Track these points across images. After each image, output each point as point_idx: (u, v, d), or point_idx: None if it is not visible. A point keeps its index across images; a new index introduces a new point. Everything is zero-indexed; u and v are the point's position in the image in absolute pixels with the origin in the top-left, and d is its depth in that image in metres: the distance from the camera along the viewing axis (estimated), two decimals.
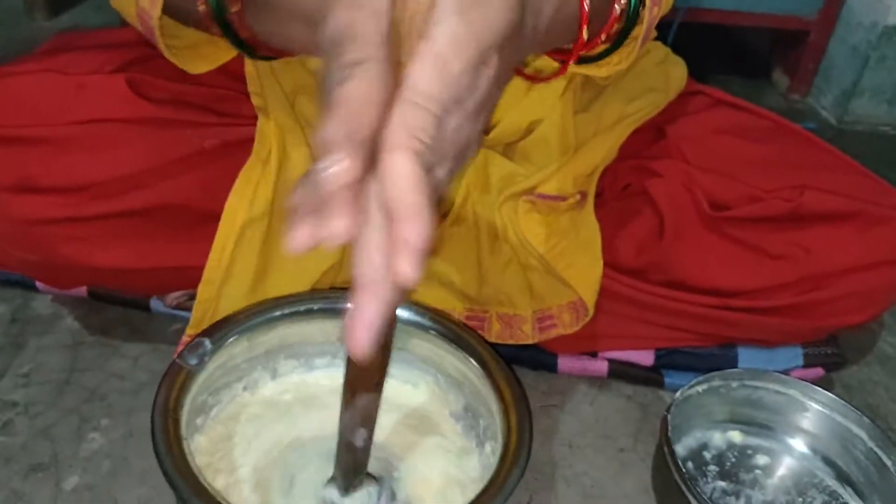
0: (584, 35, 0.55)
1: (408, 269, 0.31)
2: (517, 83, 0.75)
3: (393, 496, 0.58)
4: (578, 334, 0.71)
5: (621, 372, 0.75)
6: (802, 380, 0.68)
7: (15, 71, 0.63)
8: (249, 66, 0.71)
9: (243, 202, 0.65)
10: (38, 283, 0.76)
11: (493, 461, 0.54)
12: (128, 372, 0.71)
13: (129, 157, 0.62)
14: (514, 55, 0.43)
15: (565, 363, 0.75)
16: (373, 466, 0.56)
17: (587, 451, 0.69)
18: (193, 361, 0.57)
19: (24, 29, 1.37)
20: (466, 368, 0.62)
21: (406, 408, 0.65)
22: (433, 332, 0.63)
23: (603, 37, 0.62)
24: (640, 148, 0.75)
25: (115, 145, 0.61)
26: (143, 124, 0.62)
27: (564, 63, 0.61)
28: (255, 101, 0.68)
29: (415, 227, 0.32)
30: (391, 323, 0.44)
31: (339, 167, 0.32)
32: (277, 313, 0.63)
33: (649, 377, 0.75)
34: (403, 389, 0.66)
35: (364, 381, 0.47)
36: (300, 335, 0.64)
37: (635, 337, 0.74)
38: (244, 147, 0.65)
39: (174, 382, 0.55)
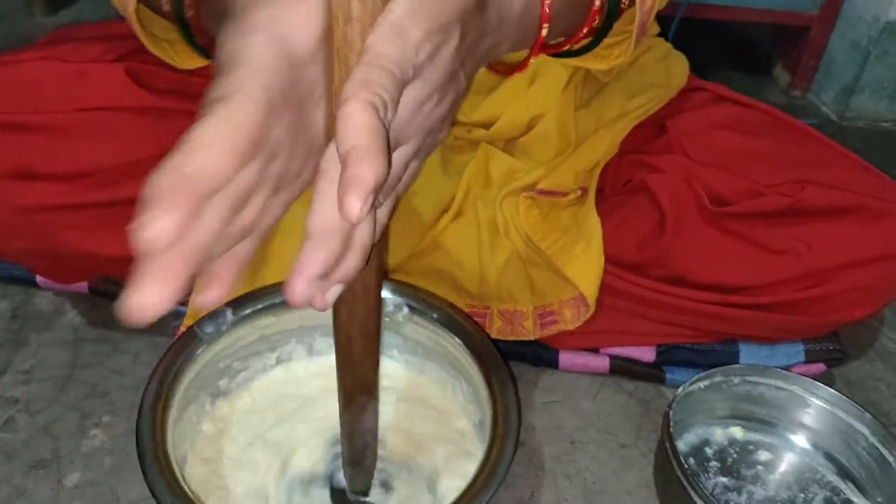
0: (544, 32, 0.55)
1: (356, 204, 0.30)
2: (518, 79, 0.75)
3: (386, 486, 0.58)
4: (580, 330, 0.71)
5: (622, 368, 0.75)
6: (804, 375, 0.68)
7: (15, 59, 0.63)
8: None
9: None
10: (38, 280, 0.76)
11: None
12: (129, 368, 0.71)
13: (129, 145, 0.62)
14: (480, 42, 0.43)
15: (567, 359, 0.75)
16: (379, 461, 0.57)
17: (589, 446, 0.69)
18: (209, 329, 0.57)
19: (24, 25, 1.37)
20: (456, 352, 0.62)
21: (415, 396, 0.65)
22: (427, 316, 0.64)
23: (585, 30, 0.61)
24: (641, 143, 0.75)
25: (115, 133, 0.61)
26: (142, 113, 0.62)
27: (525, 59, 0.61)
28: None
29: (367, 165, 0.31)
30: (373, 310, 0.44)
31: (154, 227, 0.29)
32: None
33: (650, 373, 0.75)
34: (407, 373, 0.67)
35: (356, 378, 0.47)
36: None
37: (636, 333, 0.74)
38: None
39: (179, 351, 0.56)
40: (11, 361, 0.71)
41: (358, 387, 0.47)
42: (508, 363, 0.59)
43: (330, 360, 0.63)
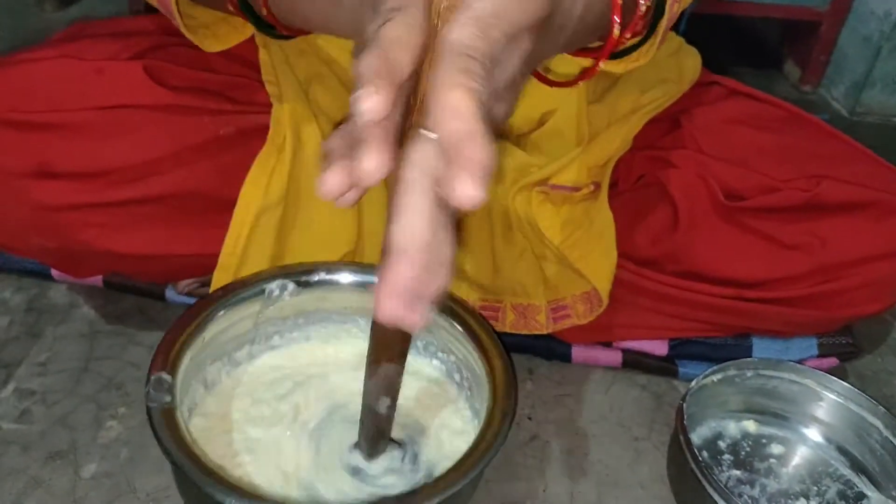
0: (616, 32, 0.55)
1: (471, 189, 0.30)
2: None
3: (415, 458, 0.58)
4: (593, 324, 0.71)
5: (635, 362, 0.75)
6: (817, 369, 0.68)
7: (31, 57, 0.63)
8: (264, 54, 0.71)
9: (258, 189, 0.65)
10: (53, 273, 0.76)
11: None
12: (144, 360, 0.71)
13: (146, 143, 0.62)
14: (542, 48, 0.43)
15: (579, 353, 0.75)
16: (396, 432, 0.57)
17: (602, 439, 0.69)
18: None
19: (34, 20, 1.37)
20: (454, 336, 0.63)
21: (426, 376, 0.66)
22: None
23: (628, 35, 0.61)
24: (654, 138, 0.75)
25: (132, 131, 0.62)
26: (160, 111, 0.62)
27: (595, 62, 0.61)
28: (269, 89, 0.68)
29: (481, 148, 0.30)
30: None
31: (371, 100, 0.32)
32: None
33: (663, 367, 0.75)
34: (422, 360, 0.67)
35: (387, 350, 0.47)
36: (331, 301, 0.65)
37: (649, 327, 0.74)
38: (259, 135, 0.66)
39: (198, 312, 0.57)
40: (27, 354, 0.72)
41: (385, 357, 0.48)
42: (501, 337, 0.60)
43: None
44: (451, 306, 0.63)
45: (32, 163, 0.60)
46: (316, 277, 0.63)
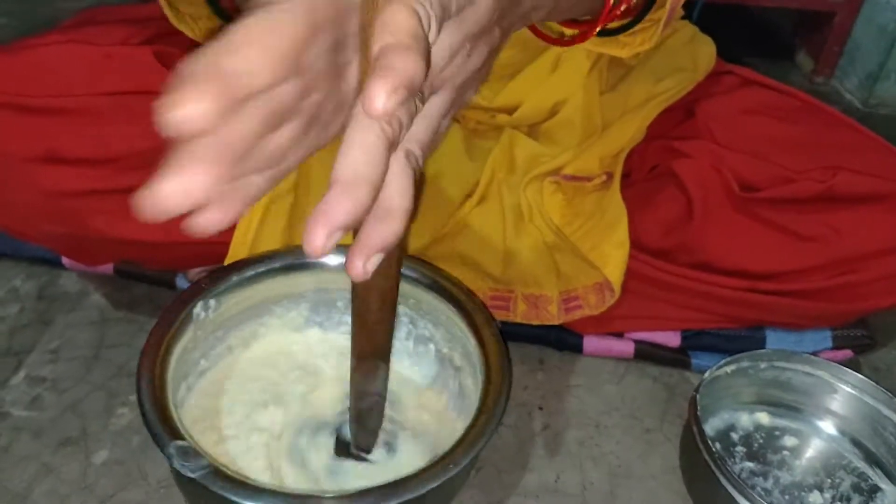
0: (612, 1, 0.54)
1: (382, 95, 0.28)
2: (541, 63, 0.75)
3: (390, 447, 0.59)
4: (604, 315, 0.71)
5: (647, 353, 0.75)
6: (831, 361, 0.67)
7: (41, 42, 0.62)
8: None
9: None
10: (64, 260, 0.76)
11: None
12: None
13: (155, 129, 0.61)
14: (513, 18, 0.42)
15: (591, 344, 0.75)
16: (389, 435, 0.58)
17: (614, 430, 0.69)
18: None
19: (44, 7, 1.37)
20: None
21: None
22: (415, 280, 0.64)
23: (623, 7, 0.60)
24: (668, 128, 0.74)
25: (141, 117, 0.61)
26: None
27: (592, 26, 0.60)
28: None
29: (403, 59, 0.29)
30: (393, 279, 0.44)
31: (183, 109, 0.27)
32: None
33: (676, 358, 0.75)
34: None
35: (369, 343, 0.47)
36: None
37: (662, 318, 0.74)
38: None
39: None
40: (38, 341, 0.72)
41: (370, 350, 0.48)
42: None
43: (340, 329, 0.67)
44: (449, 290, 0.63)
45: (41, 148, 0.60)
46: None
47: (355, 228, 0.33)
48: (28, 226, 0.67)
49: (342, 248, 0.65)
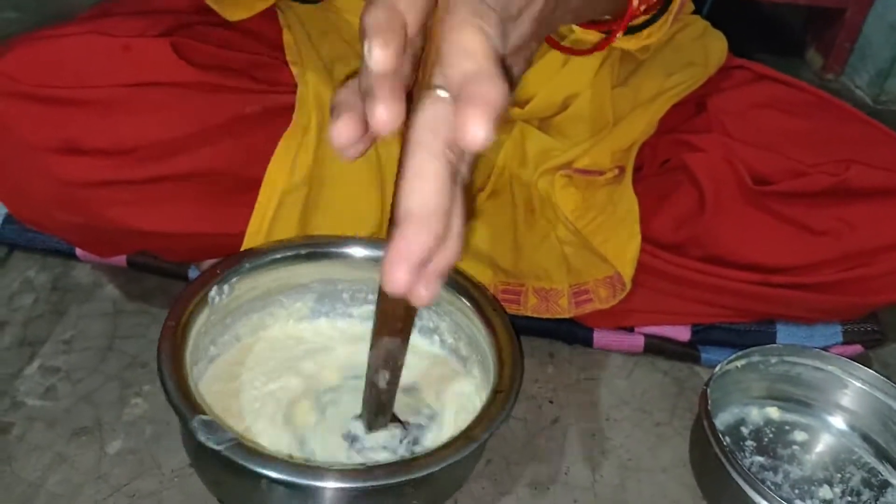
0: (636, 2, 0.55)
1: (481, 128, 0.29)
2: (552, 57, 0.75)
3: (416, 441, 0.59)
4: (615, 309, 0.71)
5: (657, 347, 0.75)
6: (841, 356, 0.68)
7: (58, 33, 0.63)
8: (288, 35, 0.71)
9: (283, 169, 0.65)
10: (78, 252, 0.77)
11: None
12: None
13: (173, 120, 0.62)
14: (554, 12, 0.43)
15: (601, 337, 0.75)
16: (403, 411, 0.59)
17: (624, 424, 0.69)
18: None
19: (57, 3, 1.37)
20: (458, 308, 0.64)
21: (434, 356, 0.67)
22: None
23: (643, 8, 0.61)
24: (679, 122, 0.74)
25: (159, 108, 0.62)
26: (186, 88, 0.62)
27: (611, 33, 0.60)
28: (294, 70, 0.68)
29: (491, 86, 0.30)
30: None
31: (380, 53, 0.32)
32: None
33: (685, 352, 0.75)
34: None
35: (391, 322, 0.47)
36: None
37: (672, 312, 0.74)
38: (284, 114, 0.66)
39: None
40: (52, 331, 0.72)
41: (389, 326, 0.48)
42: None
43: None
44: (462, 284, 0.64)
45: (58, 138, 0.60)
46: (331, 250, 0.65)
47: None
48: (44, 215, 0.67)
49: (356, 240, 0.66)
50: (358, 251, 0.66)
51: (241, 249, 0.65)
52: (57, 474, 0.61)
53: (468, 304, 0.63)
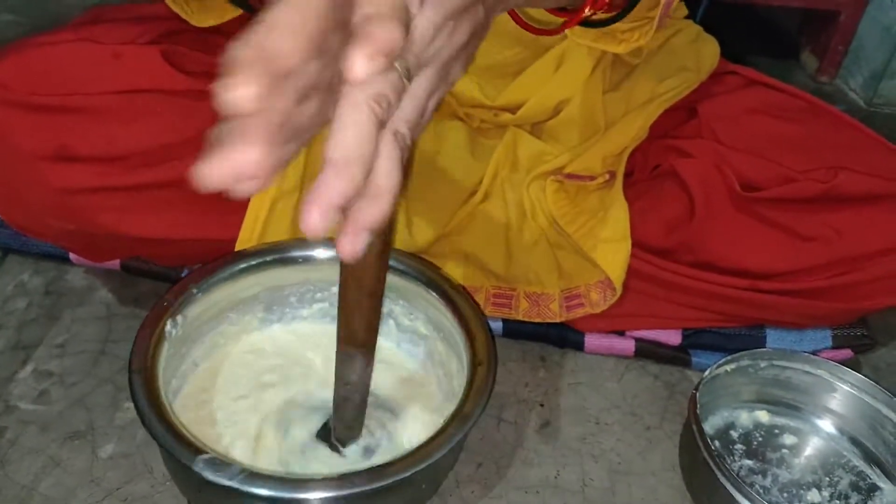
0: None
1: (363, 65, 0.30)
2: (545, 62, 0.75)
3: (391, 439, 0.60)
4: (606, 313, 0.71)
5: (648, 351, 0.75)
6: (831, 360, 0.68)
7: (50, 41, 0.63)
8: None
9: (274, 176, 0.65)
10: (71, 256, 0.77)
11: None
12: None
13: (164, 127, 0.62)
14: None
15: (592, 341, 0.75)
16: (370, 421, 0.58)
17: (614, 428, 0.69)
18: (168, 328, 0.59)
19: (52, 4, 1.38)
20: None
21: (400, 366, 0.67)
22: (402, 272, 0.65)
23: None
24: (671, 127, 0.75)
25: (150, 115, 0.62)
26: (177, 95, 0.63)
27: (568, 21, 0.60)
28: None
29: (382, 27, 0.30)
30: (381, 268, 0.45)
31: (238, 91, 0.28)
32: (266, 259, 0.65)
33: (676, 356, 0.75)
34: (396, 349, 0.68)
35: (356, 329, 0.48)
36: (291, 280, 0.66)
37: (663, 317, 0.74)
38: None
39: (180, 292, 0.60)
40: (46, 335, 0.72)
41: (350, 337, 0.48)
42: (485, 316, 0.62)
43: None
44: (435, 281, 0.64)
45: (51, 146, 0.61)
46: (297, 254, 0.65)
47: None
48: (38, 223, 0.67)
49: (292, 243, 0.66)
50: (297, 253, 0.65)
51: None
52: (50, 478, 0.61)
53: (439, 300, 0.63)
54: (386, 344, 0.68)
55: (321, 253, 0.65)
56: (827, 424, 0.69)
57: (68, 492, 0.60)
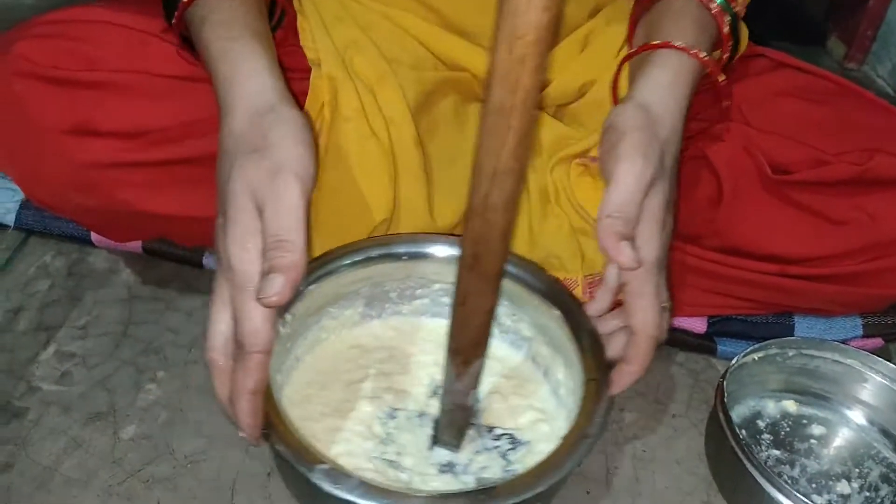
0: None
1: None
2: (570, 44, 0.74)
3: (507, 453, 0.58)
4: None
5: (673, 339, 0.74)
6: (861, 350, 0.67)
7: (75, 17, 0.63)
8: (302, 20, 0.71)
9: None
10: (93, 238, 0.77)
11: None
12: (183, 326, 0.72)
13: (187, 106, 0.62)
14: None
15: None
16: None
17: (638, 416, 0.68)
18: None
19: None
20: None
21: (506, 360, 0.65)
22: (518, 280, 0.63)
23: (725, 56, 0.65)
24: (698, 111, 0.73)
25: (173, 95, 0.62)
26: (201, 81, 0.62)
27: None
28: (308, 55, 0.68)
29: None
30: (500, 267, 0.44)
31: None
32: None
33: (701, 344, 0.74)
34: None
35: (469, 329, 0.47)
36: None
37: (688, 304, 0.73)
38: (297, 100, 0.65)
39: None
40: (67, 317, 0.72)
41: (460, 346, 0.48)
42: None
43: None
44: (541, 282, 0.62)
45: (73, 120, 0.60)
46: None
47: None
48: (58, 198, 0.67)
49: (399, 238, 0.65)
50: (401, 249, 0.64)
51: None
52: (71, 459, 0.61)
53: (525, 284, 0.62)
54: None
55: (425, 249, 0.64)
56: (857, 415, 0.68)
57: (90, 473, 0.60)
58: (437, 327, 0.66)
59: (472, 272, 0.44)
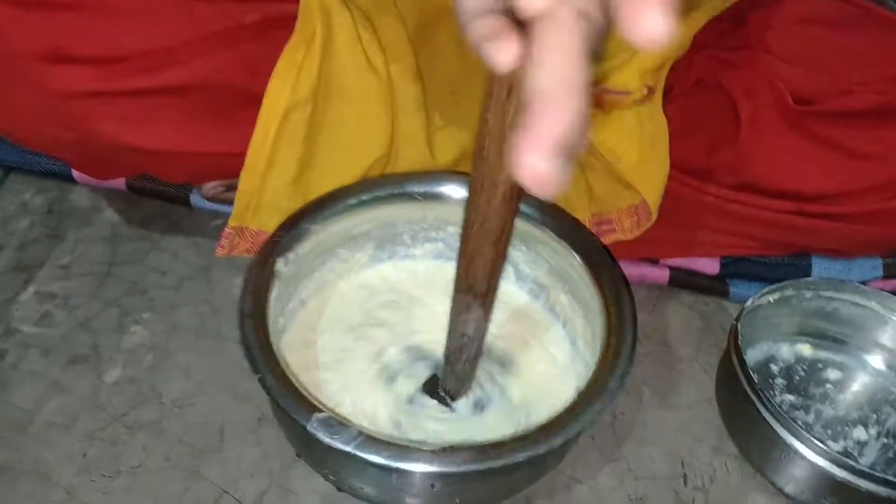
0: None
1: (661, 18, 0.24)
2: None
3: (502, 393, 0.56)
4: (639, 240, 0.66)
5: (683, 280, 0.71)
6: (882, 291, 0.63)
7: None
8: None
9: (286, 85, 0.60)
10: (75, 174, 0.73)
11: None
12: (168, 266, 0.69)
13: (168, 27, 0.57)
14: None
15: (624, 269, 0.70)
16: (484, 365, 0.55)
17: (646, 360, 0.66)
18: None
19: None
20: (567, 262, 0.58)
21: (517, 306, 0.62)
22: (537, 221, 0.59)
23: None
24: (716, 38, 0.69)
25: (152, 13, 0.57)
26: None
27: None
28: None
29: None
30: (512, 206, 0.39)
31: None
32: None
33: (713, 286, 0.71)
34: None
35: (478, 274, 0.43)
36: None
37: (700, 244, 0.70)
38: (287, 25, 0.60)
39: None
40: (48, 256, 0.69)
41: (469, 285, 0.44)
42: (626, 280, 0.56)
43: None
44: (563, 227, 0.58)
45: (45, 45, 0.56)
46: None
47: None
48: (30, 130, 0.63)
49: (412, 177, 0.62)
50: (414, 188, 0.60)
51: (244, 169, 0.61)
52: (53, 402, 0.58)
53: (547, 227, 0.58)
54: (505, 288, 0.62)
55: (440, 189, 0.60)
56: (875, 359, 0.65)
57: (72, 417, 0.58)
58: (452, 272, 0.63)
59: (480, 197, 0.40)
